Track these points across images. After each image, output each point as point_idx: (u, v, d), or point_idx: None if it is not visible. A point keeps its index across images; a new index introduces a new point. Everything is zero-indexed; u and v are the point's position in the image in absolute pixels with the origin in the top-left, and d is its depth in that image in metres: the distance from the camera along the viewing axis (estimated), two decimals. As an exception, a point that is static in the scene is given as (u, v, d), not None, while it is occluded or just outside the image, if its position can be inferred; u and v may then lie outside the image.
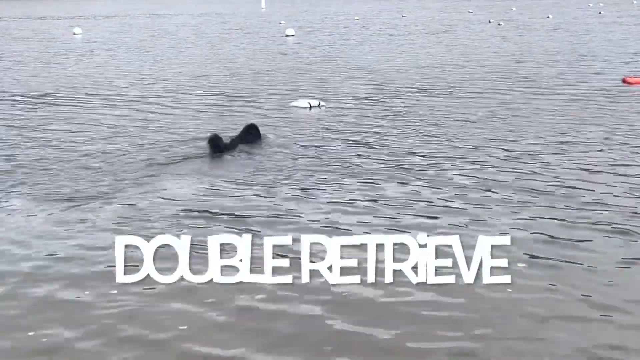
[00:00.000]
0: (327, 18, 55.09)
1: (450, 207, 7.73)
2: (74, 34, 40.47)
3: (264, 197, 8.16)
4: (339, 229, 7.08)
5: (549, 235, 6.79)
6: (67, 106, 15.27)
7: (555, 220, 7.22)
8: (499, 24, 43.16)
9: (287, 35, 36.09)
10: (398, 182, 8.70)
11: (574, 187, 8.34)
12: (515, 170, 9.20)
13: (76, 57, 27.13)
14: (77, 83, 19.24)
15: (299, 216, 7.49)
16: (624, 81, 17.19)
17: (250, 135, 10.89)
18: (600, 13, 53.75)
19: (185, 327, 5.16)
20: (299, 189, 8.43)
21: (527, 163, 9.57)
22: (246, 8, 77.95)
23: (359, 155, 10.16)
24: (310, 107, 14.14)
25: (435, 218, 7.35)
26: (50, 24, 52.93)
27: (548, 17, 50.01)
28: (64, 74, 21.48)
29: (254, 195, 8.24)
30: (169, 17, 59.71)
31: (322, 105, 14.31)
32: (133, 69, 22.52)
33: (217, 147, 10.10)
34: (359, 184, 8.66)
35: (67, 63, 24.79)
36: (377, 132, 11.76)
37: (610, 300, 5.48)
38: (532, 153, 10.14)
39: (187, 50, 29.10)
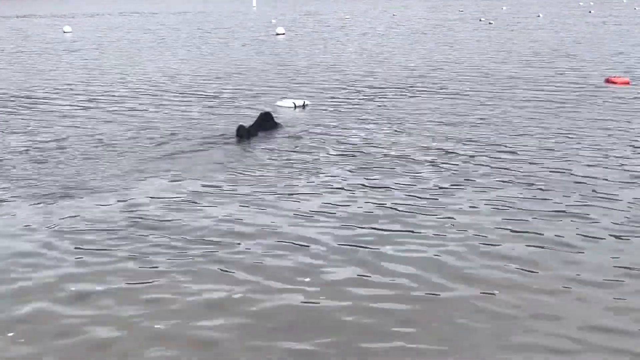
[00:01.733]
0: (318, 17, 55.15)
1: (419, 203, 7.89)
2: (64, 32, 40.46)
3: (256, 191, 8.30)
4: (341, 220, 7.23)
5: (493, 251, 6.53)
6: (51, 102, 15.34)
7: (504, 231, 7.00)
8: (489, 23, 43.37)
9: (277, 34, 36.15)
10: (386, 179, 8.85)
11: (537, 196, 8.16)
12: (489, 171, 9.33)
13: (64, 54, 27.13)
14: (63, 79, 19.26)
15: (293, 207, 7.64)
16: (607, 81, 17.35)
17: (267, 122, 11.85)
18: (590, 12, 54.05)
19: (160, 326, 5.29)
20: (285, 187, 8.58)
21: (503, 161, 9.70)
22: (237, 7, 77.90)
23: (343, 152, 10.29)
24: (295, 107, 14.25)
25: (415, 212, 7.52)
26: (42, 22, 52.79)
27: (538, 16, 50.28)
28: (51, 70, 21.51)
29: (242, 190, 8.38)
30: (162, 16, 59.62)
31: (307, 105, 14.41)
32: (121, 67, 22.51)
33: (242, 136, 11.06)
34: (345, 181, 8.80)
35: (55, 60, 24.80)
36: (364, 131, 11.87)
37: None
38: (509, 153, 10.27)
39: (174, 49, 29.11)
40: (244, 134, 11.09)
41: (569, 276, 5.99)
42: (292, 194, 8.31)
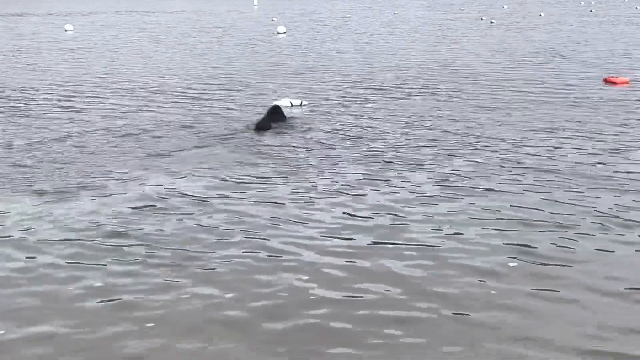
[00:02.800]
0: (319, 15, 55.10)
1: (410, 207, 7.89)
2: (66, 30, 40.45)
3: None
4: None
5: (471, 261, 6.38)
6: (52, 101, 15.37)
7: (500, 238, 6.87)
8: (491, 22, 43.28)
9: (278, 33, 36.10)
10: (379, 181, 8.88)
11: (533, 201, 8.01)
12: (486, 173, 9.35)
13: (66, 53, 27.16)
14: (64, 79, 19.29)
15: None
16: (605, 81, 17.32)
17: (277, 115, 12.43)
18: (591, 11, 53.96)
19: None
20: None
21: (502, 162, 9.72)
22: (237, 6, 77.82)
23: (339, 153, 10.33)
24: (292, 105, 14.26)
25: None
26: (41, 21, 52.80)
27: (540, 15, 50.19)
28: (52, 70, 21.55)
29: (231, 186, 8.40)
30: (165, 15, 59.61)
31: (304, 104, 14.43)
32: (120, 66, 22.53)
33: (263, 128, 11.86)
34: (340, 181, 8.83)
35: (57, 59, 24.84)
36: (363, 131, 11.89)
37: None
38: (507, 156, 10.27)
39: (174, 48, 29.09)
40: (264, 127, 11.84)
41: (561, 288, 5.85)
42: (282, 197, 8.29)
